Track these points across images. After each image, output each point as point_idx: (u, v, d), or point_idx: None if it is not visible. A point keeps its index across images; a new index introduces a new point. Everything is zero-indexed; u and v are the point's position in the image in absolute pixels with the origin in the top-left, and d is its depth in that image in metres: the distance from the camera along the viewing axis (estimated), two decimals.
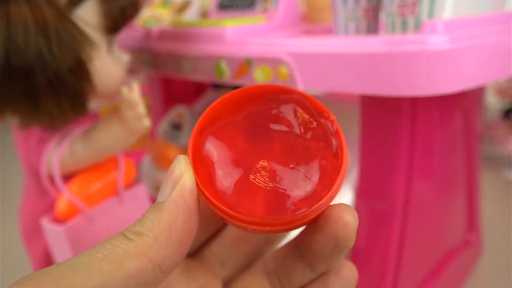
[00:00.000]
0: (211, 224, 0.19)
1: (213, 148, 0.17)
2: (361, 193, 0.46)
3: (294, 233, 0.18)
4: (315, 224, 0.17)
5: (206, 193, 0.16)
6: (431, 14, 0.36)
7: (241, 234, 0.19)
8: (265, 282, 0.19)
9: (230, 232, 0.19)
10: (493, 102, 1.40)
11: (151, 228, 0.15)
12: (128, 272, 0.14)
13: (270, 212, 0.16)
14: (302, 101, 0.18)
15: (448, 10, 0.36)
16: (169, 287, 0.17)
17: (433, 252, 0.54)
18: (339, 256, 0.17)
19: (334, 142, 0.17)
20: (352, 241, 0.16)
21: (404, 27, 0.38)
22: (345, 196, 0.54)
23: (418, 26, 0.37)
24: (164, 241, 0.15)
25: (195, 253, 0.19)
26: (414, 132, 0.42)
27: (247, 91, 0.18)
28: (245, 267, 0.19)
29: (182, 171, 0.16)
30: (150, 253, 0.14)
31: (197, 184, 0.16)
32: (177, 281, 0.17)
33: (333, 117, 0.18)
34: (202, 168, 0.17)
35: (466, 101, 0.52)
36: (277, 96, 0.18)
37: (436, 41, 0.32)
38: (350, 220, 0.16)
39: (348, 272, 0.18)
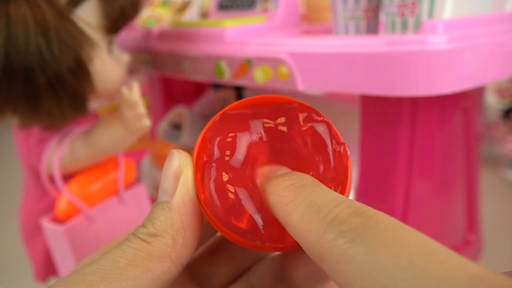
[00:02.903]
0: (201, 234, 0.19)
1: (216, 156, 0.17)
2: (361, 193, 0.46)
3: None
4: (299, 255, 0.17)
5: (203, 203, 0.16)
6: (431, 14, 0.36)
7: (230, 253, 0.20)
8: None
9: (219, 249, 0.20)
10: (493, 102, 1.40)
11: (165, 229, 0.15)
12: (155, 275, 0.14)
13: (257, 231, 0.16)
14: (325, 125, 0.17)
15: (448, 10, 0.36)
16: None
17: None
18: (320, 286, 0.18)
19: (341, 170, 0.17)
20: None
21: (404, 27, 0.38)
22: None
23: (418, 26, 0.37)
24: (181, 240, 0.15)
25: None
26: (414, 132, 0.42)
27: (256, 100, 0.18)
28: (231, 282, 0.20)
29: (182, 166, 0.16)
30: (172, 254, 0.15)
31: (196, 191, 0.16)
32: None
33: (345, 144, 0.17)
34: (201, 174, 0.17)
35: (466, 101, 0.52)
36: (291, 110, 0.18)
37: (436, 41, 0.32)
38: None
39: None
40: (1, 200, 1.25)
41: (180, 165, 0.16)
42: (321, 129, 0.17)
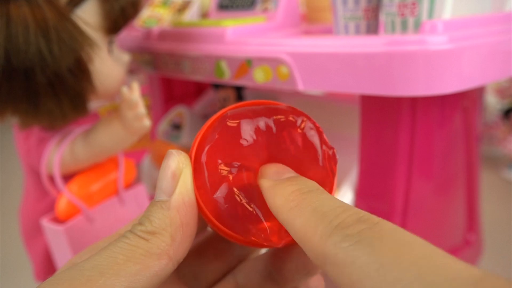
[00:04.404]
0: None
1: (214, 157, 0.17)
2: (361, 193, 0.46)
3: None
4: (287, 250, 0.18)
5: (201, 202, 0.16)
6: (431, 14, 0.36)
7: (216, 251, 0.20)
8: None
9: (206, 248, 0.20)
10: (493, 102, 1.40)
11: (164, 227, 0.15)
12: (153, 271, 0.14)
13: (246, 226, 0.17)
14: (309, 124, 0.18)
15: (448, 10, 0.36)
16: None
17: None
18: (308, 278, 0.18)
19: (329, 173, 0.18)
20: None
21: (404, 27, 0.38)
22: (345, 196, 0.54)
23: (418, 26, 0.37)
24: (179, 238, 0.15)
25: None
26: (414, 132, 0.42)
27: (252, 104, 0.18)
28: (216, 281, 0.20)
29: (181, 167, 0.16)
30: (169, 251, 0.15)
31: (195, 191, 0.17)
32: None
33: (334, 148, 0.19)
34: (199, 173, 0.17)
35: (466, 101, 0.52)
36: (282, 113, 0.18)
37: (436, 41, 0.32)
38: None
39: (315, 282, 0.19)
40: (1, 200, 1.25)
41: (179, 165, 0.16)
42: (312, 133, 0.18)
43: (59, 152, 0.44)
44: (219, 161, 0.17)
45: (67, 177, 0.46)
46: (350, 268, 0.12)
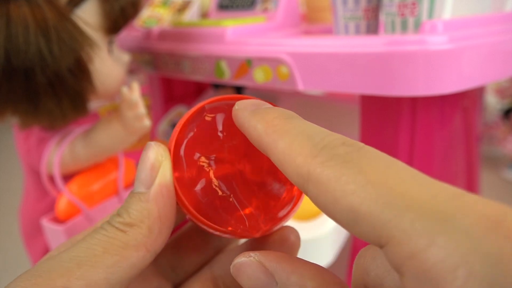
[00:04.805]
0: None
1: (193, 149, 0.17)
2: None
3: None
4: (263, 241, 0.18)
5: (181, 194, 0.17)
6: (431, 14, 0.36)
7: (194, 244, 0.20)
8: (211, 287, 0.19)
9: (183, 240, 0.20)
10: (493, 102, 1.40)
11: (142, 219, 0.15)
12: (130, 263, 0.15)
13: (229, 218, 0.17)
14: None
15: (448, 10, 0.36)
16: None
17: None
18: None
19: None
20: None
21: (404, 27, 0.38)
22: None
23: (418, 26, 0.37)
24: (157, 230, 0.16)
25: None
26: (414, 132, 0.42)
27: (226, 98, 0.19)
28: (194, 273, 0.20)
29: (160, 159, 0.16)
30: (147, 243, 0.15)
31: (174, 181, 0.17)
32: (132, 281, 0.18)
33: None
34: (177, 166, 0.17)
35: (466, 101, 0.52)
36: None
37: (436, 41, 0.32)
38: (295, 241, 0.18)
39: (294, 233, 0.19)
40: (1, 200, 1.25)
41: (158, 157, 0.16)
42: None
43: (59, 152, 0.44)
44: (198, 154, 0.17)
45: (67, 177, 0.46)
46: (335, 184, 0.12)
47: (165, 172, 0.16)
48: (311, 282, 0.14)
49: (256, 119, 0.15)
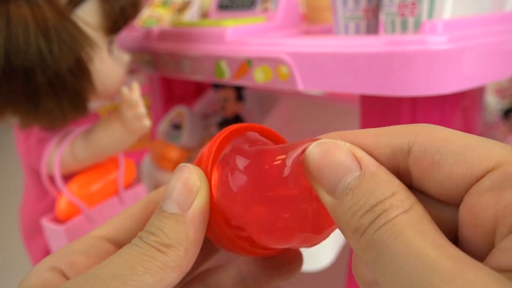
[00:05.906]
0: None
1: (230, 175, 0.17)
2: None
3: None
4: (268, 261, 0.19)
5: (221, 219, 0.17)
6: (431, 14, 0.36)
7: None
8: None
9: None
10: (493, 102, 1.40)
11: (180, 241, 0.16)
12: (166, 283, 0.15)
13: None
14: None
15: (448, 10, 0.36)
16: None
17: None
18: (282, 283, 0.19)
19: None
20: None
21: (404, 27, 0.38)
22: None
23: (418, 26, 0.37)
24: (192, 253, 0.16)
25: None
26: None
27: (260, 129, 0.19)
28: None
29: (199, 184, 0.17)
30: (182, 265, 0.16)
31: (213, 210, 0.17)
32: None
33: None
34: (217, 192, 0.17)
35: (466, 101, 0.52)
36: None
37: (436, 41, 0.32)
38: (297, 268, 0.19)
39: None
40: (1, 200, 1.25)
41: (196, 181, 0.16)
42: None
43: (59, 152, 0.44)
44: (237, 180, 0.17)
45: (67, 177, 0.46)
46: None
47: (203, 197, 0.16)
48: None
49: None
